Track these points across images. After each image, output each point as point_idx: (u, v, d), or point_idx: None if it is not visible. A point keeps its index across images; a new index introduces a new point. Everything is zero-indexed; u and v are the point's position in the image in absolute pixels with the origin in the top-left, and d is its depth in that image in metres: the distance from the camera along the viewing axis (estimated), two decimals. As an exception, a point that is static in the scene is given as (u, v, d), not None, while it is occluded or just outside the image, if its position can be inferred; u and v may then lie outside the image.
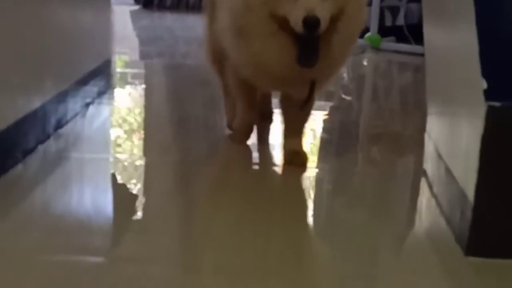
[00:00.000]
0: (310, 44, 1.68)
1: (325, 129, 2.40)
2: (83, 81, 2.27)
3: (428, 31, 2.04)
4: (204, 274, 1.30)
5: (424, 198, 1.80)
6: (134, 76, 3.07)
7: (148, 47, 3.78)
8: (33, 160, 1.80)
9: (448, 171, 1.62)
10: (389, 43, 4.02)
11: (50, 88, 1.96)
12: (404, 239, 1.58)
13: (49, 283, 1.23)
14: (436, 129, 1.86)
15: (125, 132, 2.23)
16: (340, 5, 1.70)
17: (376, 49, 4.00)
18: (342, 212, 1.70)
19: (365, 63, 3.78)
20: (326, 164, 2.02)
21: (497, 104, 1.36)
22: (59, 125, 2.04)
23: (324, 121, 2.49)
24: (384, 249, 1.49)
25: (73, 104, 2.17)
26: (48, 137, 1.95)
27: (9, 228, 1.44)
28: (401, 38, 4.05)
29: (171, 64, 3.35)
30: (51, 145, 1.93)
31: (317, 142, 2.27)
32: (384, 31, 4.11)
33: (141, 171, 1.88)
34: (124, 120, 2.37)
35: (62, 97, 2.05)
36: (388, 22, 4.24)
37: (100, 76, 2.50)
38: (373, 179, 1.93)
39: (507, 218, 1.40)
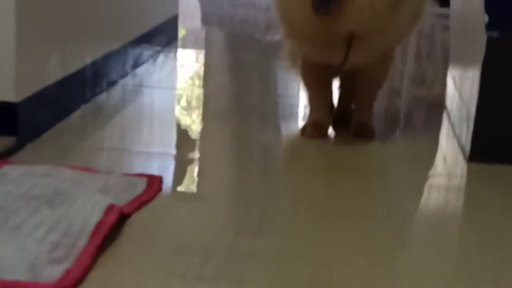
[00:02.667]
0: None
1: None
2: (155, 31, 2.64)
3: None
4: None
5: (444, 127, 2.09)
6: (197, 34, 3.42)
7: (209, 10, 4.09)
8: (115, 91, 2.18)
9: (460, 97, 1.92)
10: (432, 7, 4.26)
11: (129, 33, 2.34)
12: (424, 156, 1.88)
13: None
14: (454, 68, 2.16)
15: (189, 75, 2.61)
16: None
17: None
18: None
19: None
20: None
21: (495, 34, 1.66)
22: (136, 65, 2.41)
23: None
24: (412, 163, 1.79)
25: (147, 50, 2.54)
26: (127, 74, 2.32)
27: (94, 144, 1.82)
28: (444, 2, 4.27)
29: (230, 24, 3.67)
30: (129, 81, 2.30)
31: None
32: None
33: (201, 101, 2.26)
34: (189, 66, 2.74)
35: (138, 42, 2.42)
36: (434, -12, 4.48)
37: (168, 29, 2.87)
38: (410, 123, 2.19)
39: (502, 130, 1.70)
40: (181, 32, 3.24)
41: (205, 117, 2.11)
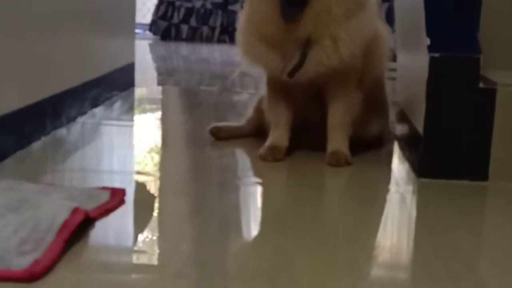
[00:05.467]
0: None
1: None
2: (112, 74, 2.71)
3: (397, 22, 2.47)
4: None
5: (396, 154, 2.17)
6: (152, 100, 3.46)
7: (166, 77, 4.13)
8: (75, 128, 2.22)
9: (409, 122, 2.02)
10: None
11: (87, 74, 2.41)
12: (376, 176, 1.94)
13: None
14: (400, 93, 2.27)
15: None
16: None
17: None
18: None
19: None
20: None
21: (436, 55, 1.77)
22: (94, 105, 2.47)
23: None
24: (369, 183, 1.86)
25: (104, 92, 2.60)
26: (85, 112, 2.37)
27: (57, 168, 1.86)
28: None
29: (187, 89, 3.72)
30: (87, 119, 2.35)
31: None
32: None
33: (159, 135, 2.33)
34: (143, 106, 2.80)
35: (96, 83, 2.49)
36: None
37: (125, 74, 2.94)
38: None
39: (449, 147, 1.79)
40: (138, 92, 3.26)
41: (163, 149, 2.17)
